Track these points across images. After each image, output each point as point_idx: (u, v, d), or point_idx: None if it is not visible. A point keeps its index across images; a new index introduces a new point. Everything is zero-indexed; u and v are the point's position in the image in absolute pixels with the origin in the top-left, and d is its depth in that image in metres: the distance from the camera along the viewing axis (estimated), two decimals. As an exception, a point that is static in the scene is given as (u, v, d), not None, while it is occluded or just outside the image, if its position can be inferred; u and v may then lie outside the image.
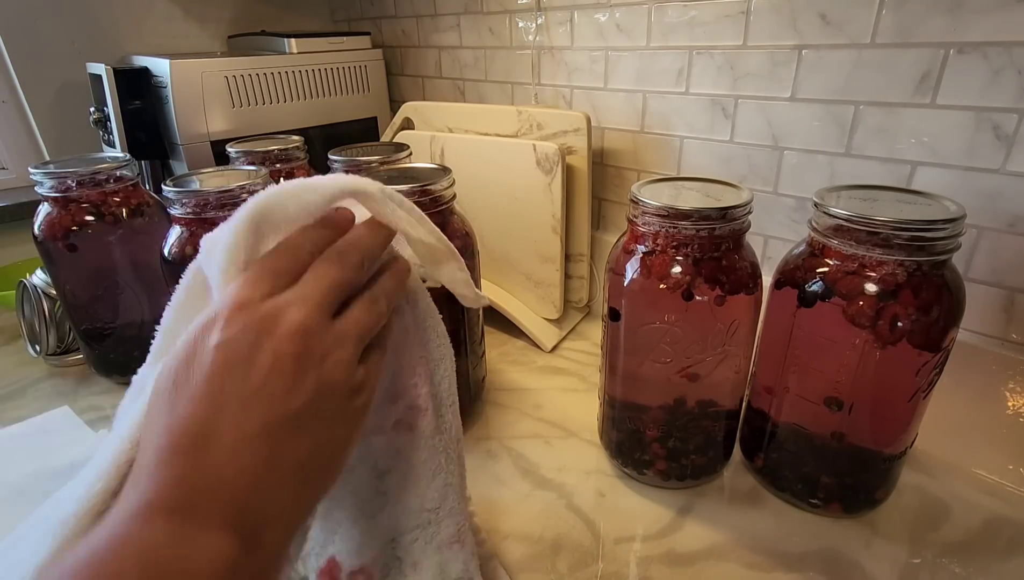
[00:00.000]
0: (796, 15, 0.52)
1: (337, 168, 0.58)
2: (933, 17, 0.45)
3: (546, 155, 0.64)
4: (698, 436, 0.46)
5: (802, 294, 0.40)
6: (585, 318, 0.76)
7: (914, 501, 0.46)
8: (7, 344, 0.73)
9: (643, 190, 0.42)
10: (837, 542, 0.43)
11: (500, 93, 0.83)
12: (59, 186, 0.55)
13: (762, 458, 0.47)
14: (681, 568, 0.41)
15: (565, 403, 0.60)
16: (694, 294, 0.39)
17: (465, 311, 0.52)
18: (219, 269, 0.26)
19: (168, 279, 0.49)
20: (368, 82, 0.93)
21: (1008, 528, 0.44)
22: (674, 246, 0.40)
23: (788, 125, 0.56)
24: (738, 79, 0.58)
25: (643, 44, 0.64)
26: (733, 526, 0.45)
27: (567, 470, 0.51)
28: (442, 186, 0.47)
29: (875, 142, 0.51)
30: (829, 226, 0.38)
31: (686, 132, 0.64)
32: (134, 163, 0.60)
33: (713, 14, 0.57)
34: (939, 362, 0.39)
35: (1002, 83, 0.44)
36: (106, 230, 0.57)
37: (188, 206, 0.47)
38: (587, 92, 0.72)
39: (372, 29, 0.99)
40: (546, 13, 0.72)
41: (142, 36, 0.90)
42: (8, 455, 0.55)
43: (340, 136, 0.91)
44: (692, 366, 0.42)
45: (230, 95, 0.77)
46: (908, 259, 0.36)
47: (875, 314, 0.37)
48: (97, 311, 0.60)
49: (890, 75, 0.49)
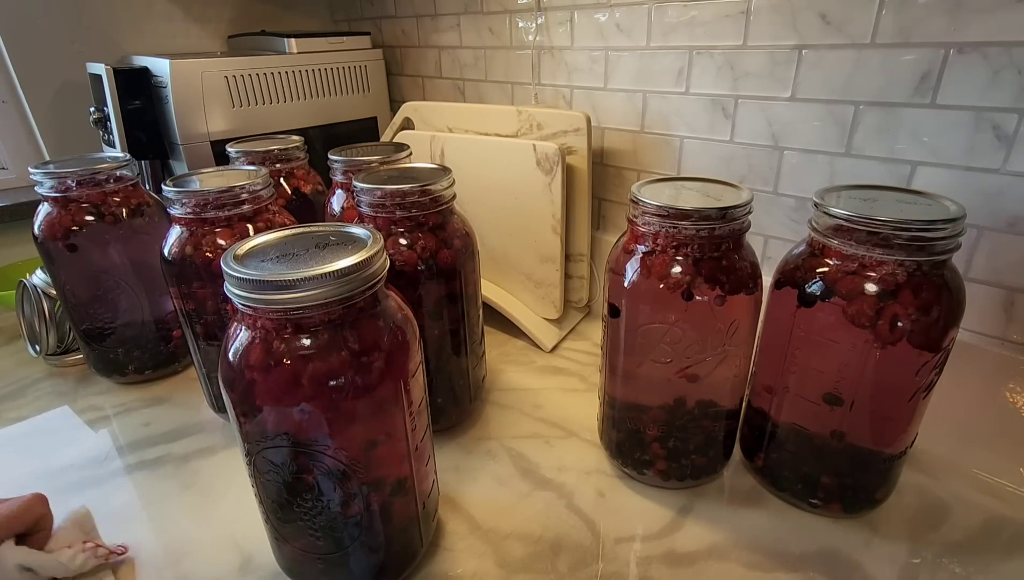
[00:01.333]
0: (796, 15, 0.52)
1: (337, 168, 0.58)
2: (933, 17, 0.45)
3: (546, 155, 0.64)
4: (698, 436, 0.46)
5: (802, 294, 0.40)
6: (585, 318, 0.76)
7: (914, 501, 0.46)
8: (7, 344, 0.73)
9: (643, 190, 0.42)
10: (837, 542, 0.43)
11: (500, 93, 0.83)
12: (59, 186, 0.55)
13: (762, 458, 0.47)
14: (681, 568, 0.41)
15: (565, 403, 0.60)
16: (694, 294, 0.39)
17: (465, 311, 0.52)
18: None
19: (168, 279, 0.49)
20: (368, 82, 0.93)
21: (1008, 528, 0.44)
22: (674, 246, 0.40)
23: (788, 125, 0.56)
24: (738, 79, 0.58)
25: (643, 44, 0.64)
26: (733, 526, 0.45)
27: (567, 470, 0.51)
28: (442, 186, 0.47)
29: (875, 142, 0.51)
30: (829, 226, 0.38)
31: (686, 132, 0.64)
32: (134, 163, 0.60)
33: (713, 14, 0.57)
34: (939, 362, 0.39)
35: (1002, 83, 0.44)
36: (106, 230, 0.58)
37: (188, 206, 0.47)
38: (587, 92, 0.72)
39: (372, 29, 0.99)
40: (546, 13, 0.72)
41: (142, 36, 0.90)
42: (8, 455, 0.55)
43: (340, 136, 0.91)
44: (692, 366, 0.42)
45: (230, 95, 0.77)
46: (908, 259, 0.36)
47: (875, 314, 0.37)
48: (97, 311, 0.60)
49: (890, 75, 0.49)
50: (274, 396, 0.32)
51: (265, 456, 0.34)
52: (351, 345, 0.32)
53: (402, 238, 0.47)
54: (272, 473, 0.34)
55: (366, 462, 0.35)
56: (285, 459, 0.34)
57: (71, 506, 0.45)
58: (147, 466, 0.53)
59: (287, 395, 0.31)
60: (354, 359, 0.32)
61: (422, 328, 0.50)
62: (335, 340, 0.32)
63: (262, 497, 0.37)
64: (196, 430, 0.57)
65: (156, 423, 0.58)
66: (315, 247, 0.34)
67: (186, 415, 0.59)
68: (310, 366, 0.31)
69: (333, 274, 0.30)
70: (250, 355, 0.32)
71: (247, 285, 0.30)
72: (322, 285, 0.30)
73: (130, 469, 0.52)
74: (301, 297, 0.30)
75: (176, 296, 0.50)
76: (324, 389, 0.32)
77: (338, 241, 0.35)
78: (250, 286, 0.30)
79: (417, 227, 0.47)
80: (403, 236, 0.47)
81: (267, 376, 0.32)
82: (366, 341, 0.33)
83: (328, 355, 0.32)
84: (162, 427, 0.58)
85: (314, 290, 0.30)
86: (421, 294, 0.48)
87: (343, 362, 0.32)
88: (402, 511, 0.39)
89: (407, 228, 0.47)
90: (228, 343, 0.33)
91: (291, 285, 0.30)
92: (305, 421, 0.32)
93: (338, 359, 0.32)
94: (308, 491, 0.35)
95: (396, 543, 0.39)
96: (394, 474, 0.37)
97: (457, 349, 0.53)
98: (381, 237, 0.35)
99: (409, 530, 0.40)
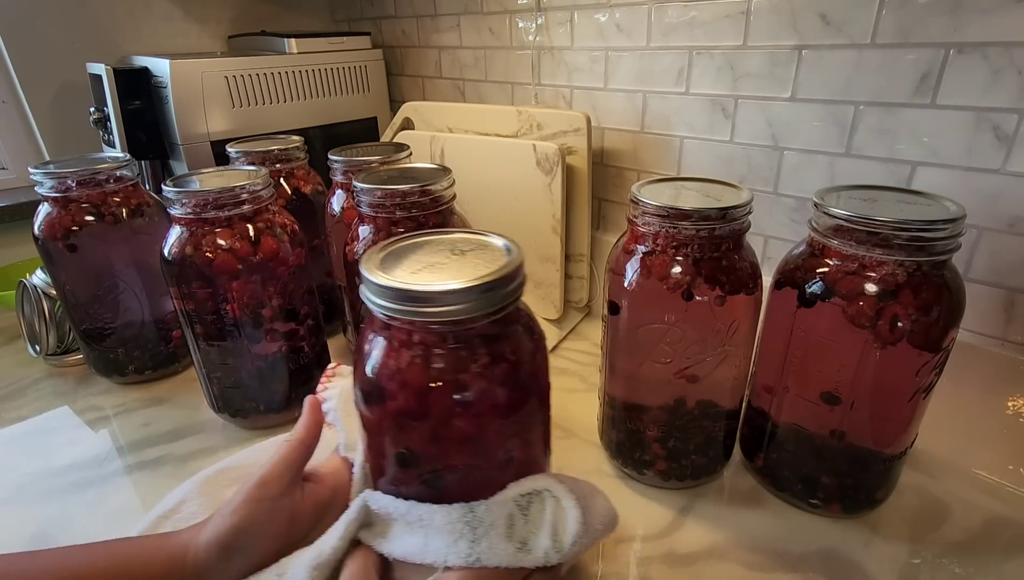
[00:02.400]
0: (796, 15, 0.52)
1: (337, 168, 0.58)
2: (933, 17, 0.45)
3: (546, 155, 0.64)
4: (698, 436, 0.46)
5: (802, 294, 0.40)
6: (585, 318, 0.76)
7: (914, 501, 0.46)
8: (7, 344, 0.73)
9: (643, 190, 0.42)
10: (837, 542, 0.43)
11: (500, 93, 0.83)
12: (59, 186, 0.55)
13: (762, 458, 0.47)
14: (681, 568, 0.41)
15: (565, 403, 0.60)
16: (694, 294, 0.39)
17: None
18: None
19: (168, 279, 0.49)
20: (368, 82, 0.93)
21: (1008, 528, 0.44)
22: (674, 246, 0.40)
23: (788, 125, 0.56)
24: (738, 79, 0.58)
25: (643, 44, 0.64)
26: (733, 526, 0.45)
27: (567, 470, 0.51)
28: (442, 186, 0.47)
29: (875, 142, 0.51)
30: (829, 226, 0.38)
31: (686, 132, 0.64)
32: (134, 163, 0.60)
33: (713, 14, 0.57)
34: (939, 362, 0.39)
35: (1002, 83, 0.44)
36: (106, 230, 0.58)
37: (188, 206, 0.47)
38: (587, 92, 0.72)
39: (372, 29, 0.99)
40: (546, 13, 0.72)
41: (142, 36, 0.90)
42: (8, 455, 0.55)
43: (340, 136, 0.91)
44: (692, 366, 0.42)
45: (230, 95, 0.77)
46: (908, 259, 0.36)
47: (875, 314, 0.37)
48: (97, 311, 0.60)
49: (890, 75, 0.49)
50: (467, 421, 0.29)
51: (442, 477, 0.32)
52: (508, 356, 0.30)
53: (402, 238, 0.47)
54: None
55: (506, 479, 0.33)
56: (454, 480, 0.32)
57: (71, 506, 0.45)
58: (147, 466, 0.53)
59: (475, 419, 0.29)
60: (512, 370, 0.30)
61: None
62: (496, 351, 0.30)
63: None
64: (196, 430, 0.57)
65: (156, 423, 0.58)
66: (452, 253, 0.32)
67: (186, 415, 0.59)
68: (480, 383, 0.29)
69: (497, 282, 0.28)
70: (411, 373, 0.29)
71: (399, 297, 0.27)
72: (484, 293, 0.28)
73: (130, 469, 0.52)
74: (462, 308, 0.28)
75: (176, 296, 0.50)
76: (500, 406, 0.30)
77: (472, 247, 0.33)
78: (405, 299, 0.28)
79: (417, 227, 0.47)
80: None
81: (440, 397, 0.29)
82: (520, 351, 0.31)
83: (495, 368, 0.30)
84: (162, 427, 0.58)
85: (474, 300, 0.28)
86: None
87: (505, 374, 0.30)
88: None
89: (407, 228, 0.47)
90: (380, 364, 0.30)
91: (461, 295, 0.27)
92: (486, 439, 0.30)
93: (501, 371, 0.30)
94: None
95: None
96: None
97: (457, 349, 0.53)
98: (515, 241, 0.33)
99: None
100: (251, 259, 0.49)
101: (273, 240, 0.50)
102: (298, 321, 0.54)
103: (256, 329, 0.51)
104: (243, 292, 0.49)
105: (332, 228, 0.61)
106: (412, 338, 0.29)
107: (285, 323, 0.53)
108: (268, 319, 0.52)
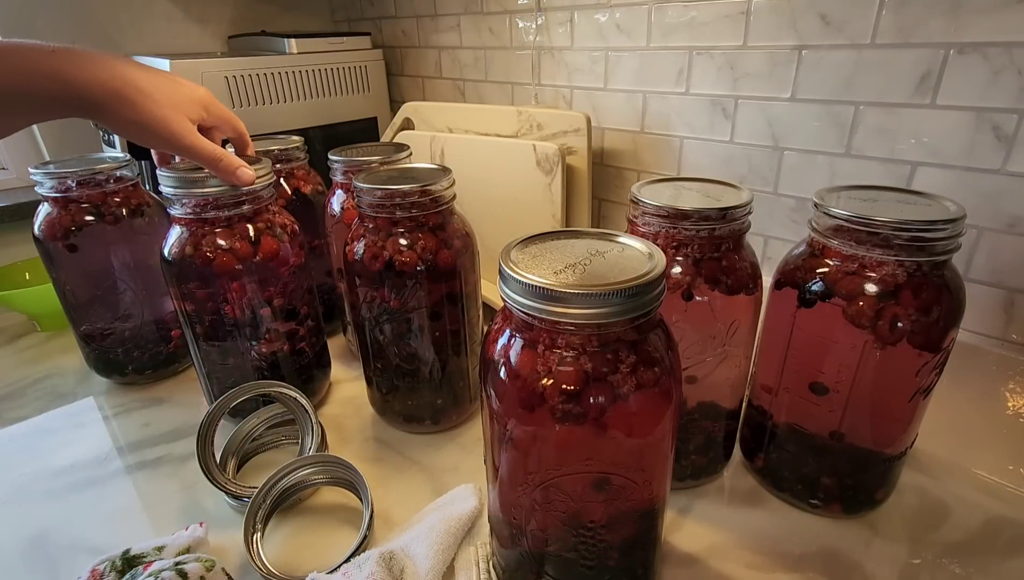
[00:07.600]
0: (796, 15, 0.52)
1: (337, 168, 0.58)
2: (933, 17, 0.45)
3: (546, 155, 0.64)
4: (698, 436, 0.46)
5: (802, 294, 0.40)
6: (585, 318, 0.76)
7: (914, 501, 0.46)
8: (7, 344, 0.73)
9: (643, 190, 0.42)
10: (837, 542, 0.43)
11: (500, 93, 0.83)
12: (59, 186, 0.55)
13: (762, 458, 0.47)
14: (681, 568, 0.41)
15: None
16: (694, 294, 0.39)
17: (465, 311, 0.52)
18: None
19: (168, 279, 0.49)
20: (368, 82, 0.93)
21: (1008, 528, 0.44)
22: (674, 246, 0.40)
23: (788, 125, 0.56)
24: (738, 79, 0.58)
25: (643, 44, 0.64)
26: (733, 526, 0.45)
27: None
28: (442, 186, 0.47)
29: (875, 142, 0.51)
30: (829, 226, 0.38)
31: (686, 132, 0.64)
32: (134, 163, 0.60)
33: (713, 14, 0.57)
34: (939, 362, 0.39)
35: (1002, 83, 0.44)
36: (106, 230, 0.58)
37: (188, 206, 0.47)
38: (587, 92, 0.72)
39: (372, 29, 0.99)
40: (546, 13, 0.72)
41: (142, 36, 0.90)
42: (8, 455, 0.55)
43: (340, 136, 0.91)
44: (692, 367, 0.42)
45: (230, 95, 0.77)
46: (908, 259, 0.36)
47: (875, 314, 0.37)
48: (97, 311, 0.60)
49: (890, 75, 0.49)
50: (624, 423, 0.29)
51: (559, 486, 0.31)
52: (655, 354, 0.29)
53: (402, 238, 0.47)
54: (560, 502, 0.32)
55: (642, 483, 0.32)
56: (579, 487, 0.31)
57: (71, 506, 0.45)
58: (147, 466, 0.53)
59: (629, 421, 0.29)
60: (665, 372, 0.30)
61: (423, 328, 0.50)
62: (643, 353, 0.29)
63: (532, 530, 0.34)
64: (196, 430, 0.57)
65: (156, 423, 0.58)
66: (591, 256, 0.31)
67: (186, 415, 0.59)
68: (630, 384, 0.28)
69: (647, 285, 0.27)
70: (564, 379, 0.28)
71: (585, 300, 0.27)
72: (637, 295, 0.27)
73: (130, 469, 0.52)
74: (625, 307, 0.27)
75: (176, 296, 0.50)
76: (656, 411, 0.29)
77: (616, 249, 0.32)
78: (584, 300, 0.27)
79: (417, 227, 0.47)
80: (403, 236, 0.47)
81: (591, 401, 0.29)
82: (659, 350, 0.30)
83: (647, 370, 0.29)
84: (162, 427, 0.58)
85: (636, 300, 0.27)
86: (421, 294, 0.48)
87: (655, 377, 0.29)
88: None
89: (407, 228, 0.47)
90: (527, 371, 0.29)
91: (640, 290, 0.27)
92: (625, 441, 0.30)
93: (651, 375, 0.29)
94: (592, 522, 0.32)
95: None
96: (661, 494, 0.35)
97: (457, 349, 0.53)
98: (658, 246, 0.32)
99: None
100: (251, 259, 0.49)
101: (273, 240, 0.50)
102: (298, 321, 0.54)
103: (256, 329, 0.51)
104: (243, 292, 0.49)
105: (332, 228, 0.61)
106: (556, 341, 0.29)
107: (285, 323, 0.53)
108: (268, 319, 0.52)
